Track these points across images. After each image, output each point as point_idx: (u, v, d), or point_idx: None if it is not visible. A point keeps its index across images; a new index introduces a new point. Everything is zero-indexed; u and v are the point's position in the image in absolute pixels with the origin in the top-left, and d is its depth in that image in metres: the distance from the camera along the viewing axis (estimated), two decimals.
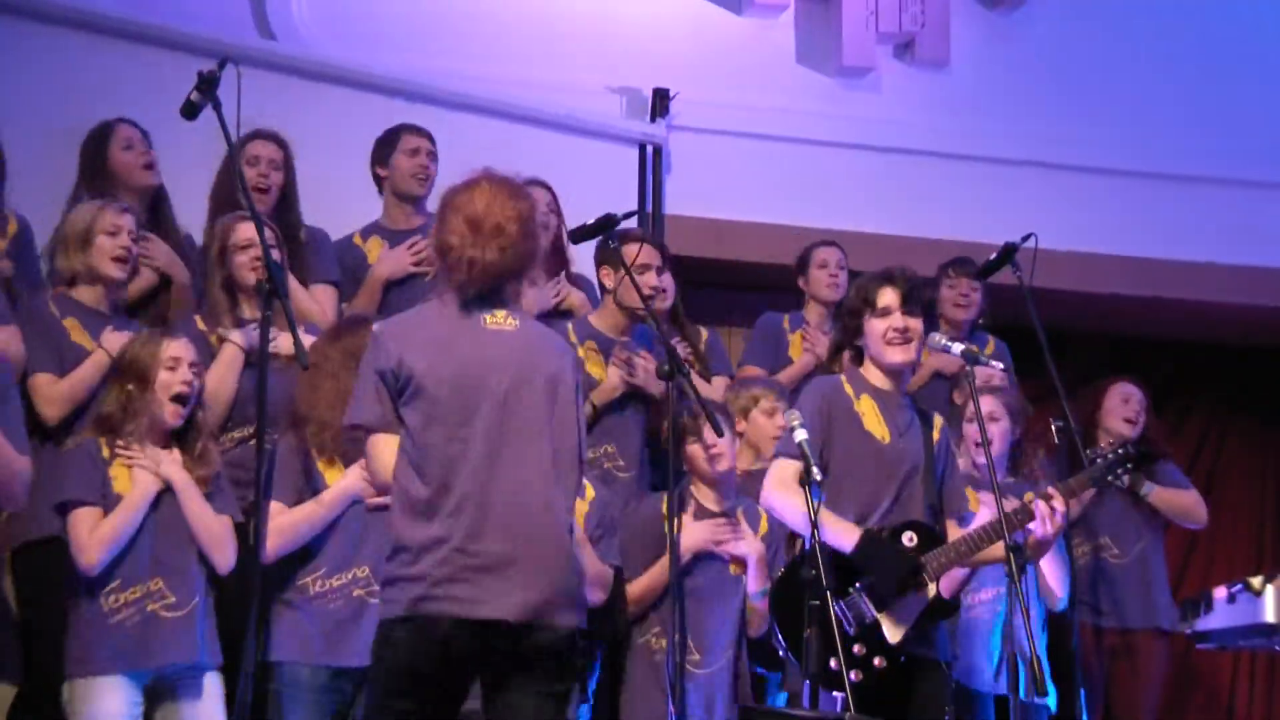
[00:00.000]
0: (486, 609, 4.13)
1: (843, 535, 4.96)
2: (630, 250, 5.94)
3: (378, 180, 6.65)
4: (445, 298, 4.40)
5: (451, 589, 4.12)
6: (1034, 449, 6.53)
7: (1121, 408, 7.09)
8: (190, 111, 4.90)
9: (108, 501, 5.04)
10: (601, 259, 6.11)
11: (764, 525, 5.75)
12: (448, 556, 4.14)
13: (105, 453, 5.09)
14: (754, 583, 5.65)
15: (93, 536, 4.98)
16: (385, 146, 6.62)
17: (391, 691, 4.16)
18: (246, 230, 5.59)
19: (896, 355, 5.17)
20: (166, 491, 5.10)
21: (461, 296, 4.35)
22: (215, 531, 5.12)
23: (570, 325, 6.15)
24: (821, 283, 7.12)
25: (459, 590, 4.12)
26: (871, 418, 5.17)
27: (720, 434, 5.49)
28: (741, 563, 5.65)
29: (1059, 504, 5.03)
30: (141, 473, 5.07)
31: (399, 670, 4.15)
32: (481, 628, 4.13)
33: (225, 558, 5.13)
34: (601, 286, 6.27)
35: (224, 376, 5.54)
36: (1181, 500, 7.07)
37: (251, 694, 4.33)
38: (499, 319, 4.34)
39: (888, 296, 5.18)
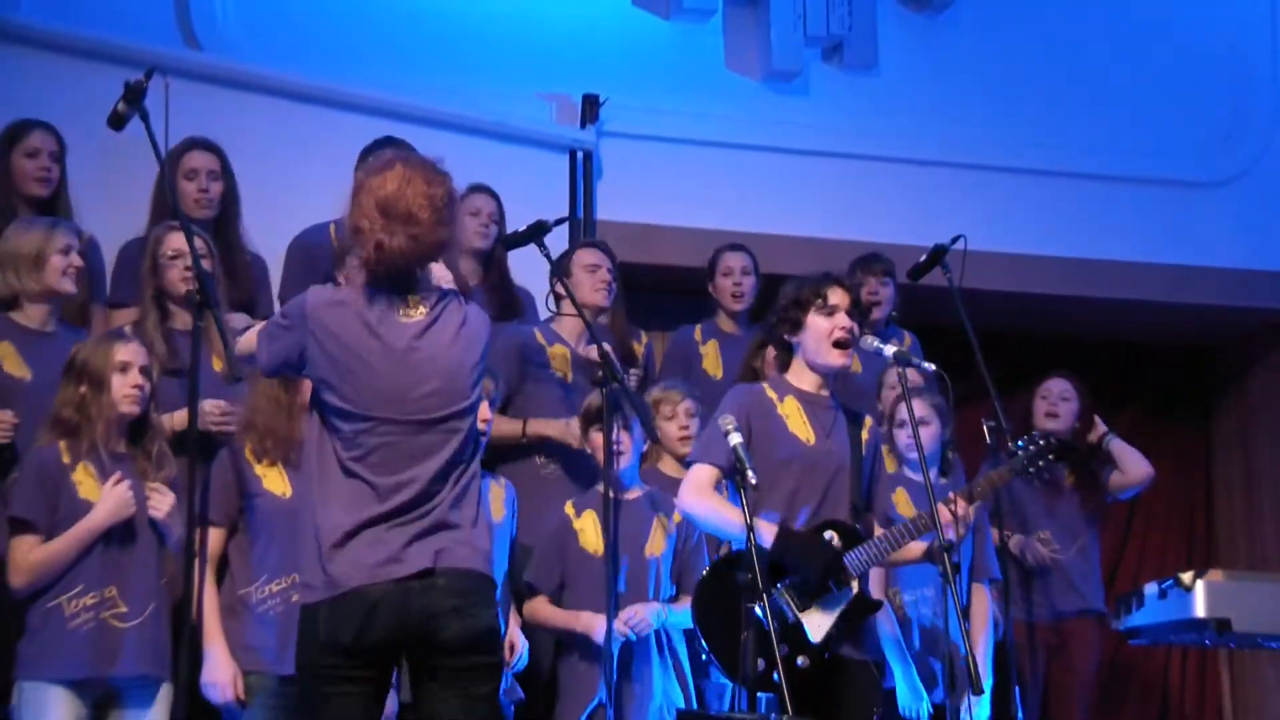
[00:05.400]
0: None
1: (760, 532, 4.83)
2: (578, 256, 6.35)
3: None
4: (354, 280, 4.24)
5: None
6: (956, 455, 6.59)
7: (1041, 404, 7.26)
8: (117, 122, 4.88)
9: (71, 507, 4.99)
10: (554, 271, 6.03)
11: (679, 514, 5.69)
12: None
13: (66, 458, 5.05)
14: None
15: (27, 560, 4.97)
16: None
17: None
18: (176, 240, 5.55)
19: (837, 358, 5.14)
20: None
21: (371, 281, 4.17)
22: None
23: (536, 330, 6.42)
24: (725, 291, 7.15)
25: None
26: (796, 419, 5.14)
27: (655, 439, 5.60)
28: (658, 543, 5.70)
29: (959, 509, 5.08)
30: (103, 507, 5.00)
31: None
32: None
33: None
34: (557, 297, 6.18)
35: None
36: (1131, 457, 7.28)
37: (185, 708, 4.28)
38: (410, 312, 4.16)
39: (838, 296, 5.15)
